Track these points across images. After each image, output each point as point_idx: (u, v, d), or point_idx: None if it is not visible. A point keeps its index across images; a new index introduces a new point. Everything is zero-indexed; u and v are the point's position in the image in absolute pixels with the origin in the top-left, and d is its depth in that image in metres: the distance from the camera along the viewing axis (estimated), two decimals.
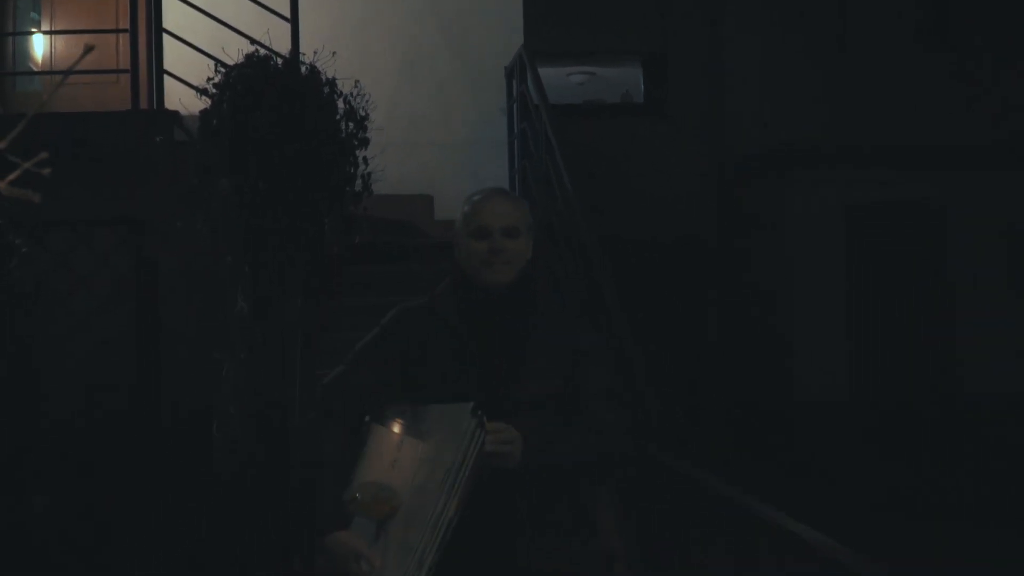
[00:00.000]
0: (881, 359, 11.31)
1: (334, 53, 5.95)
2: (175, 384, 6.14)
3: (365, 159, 5.87)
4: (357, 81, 5.84)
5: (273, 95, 5.63)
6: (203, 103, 5.87)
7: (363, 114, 5.84)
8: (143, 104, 6.57)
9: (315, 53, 5.88)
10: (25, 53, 8.39)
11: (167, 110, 6.54)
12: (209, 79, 5.82)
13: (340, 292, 5.85)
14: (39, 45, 8.24)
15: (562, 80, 11.68)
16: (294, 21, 6.56)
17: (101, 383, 6.21)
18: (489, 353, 3.19)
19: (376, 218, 6.40)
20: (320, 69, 5.83)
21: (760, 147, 11.17)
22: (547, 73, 10.14)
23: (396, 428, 3.07)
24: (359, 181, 5.88)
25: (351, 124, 5.85)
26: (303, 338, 5.63)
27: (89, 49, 2.34)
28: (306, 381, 5.46)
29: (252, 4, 6.72)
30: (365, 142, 5.86)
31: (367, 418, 3.13)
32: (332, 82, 5.81)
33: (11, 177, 2.29)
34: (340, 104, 5.82)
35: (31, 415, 6.04)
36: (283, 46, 6.38)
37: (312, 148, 5.59)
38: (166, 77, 6.62)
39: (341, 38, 7.09)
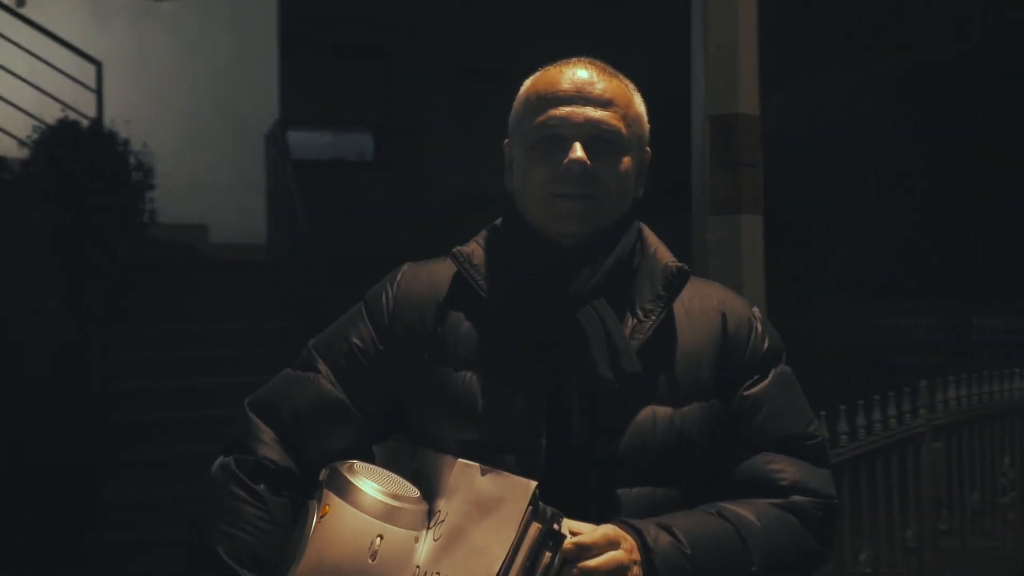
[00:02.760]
0: None
1: (128, 121, 6.38)
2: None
3: (152, 199, 6.33)
4: (145, 143, 6.34)
5: (79, 151, 5.98)
6: (24, 152, 6.21)
7: (149, 166, 6.28)
8: None
9: (112, 121, 6.29)
10: None
11: None
12: (28, 136, 6.13)
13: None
14: None
15: (316, 140, 12.09)
16: (99, 92, 6.86)
17: None
18: (561, 360, 1.41)
19: (164, 241, 7.28)
20: (116, 131, 6.24)
21: (453, 193, 12.07)
22: (303, 136, 10.68)
23: (368, 503, 1.35)
24: (147, 214, 6.29)
25: (140, 173, 6.26)
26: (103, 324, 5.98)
27: None
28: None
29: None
30: (151, 187, 6.35)
31: (323, 473, 1.42)
32: (126, 142, 6.31)
33: None
34: (132, 159, 6.23)
35: None
36: (92, 109, 6.67)
37: (108, 191, 5.95)
38: None
39: (139, 106, 7.57)
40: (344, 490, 1.36)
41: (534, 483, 1.27)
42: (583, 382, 1.39)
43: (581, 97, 1.44)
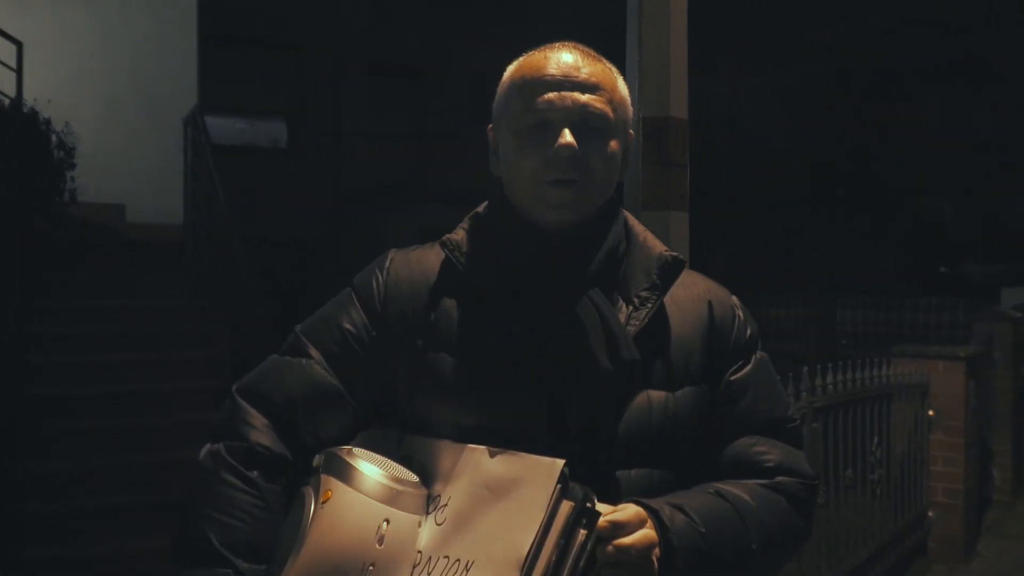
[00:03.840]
0: None
1: (50, 101, 6.08)
2: None
3: (72, 177, 6.01)
4: (67, 123, 6.01)
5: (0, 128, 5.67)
6: None
7: (71, 146, 5.96)
8: None
9: (35, 100, 5.93)
10: None
11: None
12: None
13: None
14: None
15: (232, 126, 11.73)
16: (19, 72, 6.46)
17: None
18: (558, 350, 1.32)
19: (83, 219, 7.05)
20: (39, 110, 5.88)
21: (364, 183, 11.87)
22: (220, 122, 10.33)
23: (373, 487, 1.25)
24: (67, 193, 5.97)
25: (62, 152, 5.93)
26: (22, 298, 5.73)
27: None
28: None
29: None
30: (72, 166, 6.04)
31: (317, 459, 1.31)
32: (48, 121, 5.94)
33: None
34: (53, 138, 5.90)
35: None
36: (11, 89, 6.30)
37: (29, 168, 5.63)
38: None
39: (59, 87, 7.21)
40: (347, 475, 1.25)
41: (561, 461, 1.19)
42: (581, 370, 1.31)
43: (568, 81, 1.35)
